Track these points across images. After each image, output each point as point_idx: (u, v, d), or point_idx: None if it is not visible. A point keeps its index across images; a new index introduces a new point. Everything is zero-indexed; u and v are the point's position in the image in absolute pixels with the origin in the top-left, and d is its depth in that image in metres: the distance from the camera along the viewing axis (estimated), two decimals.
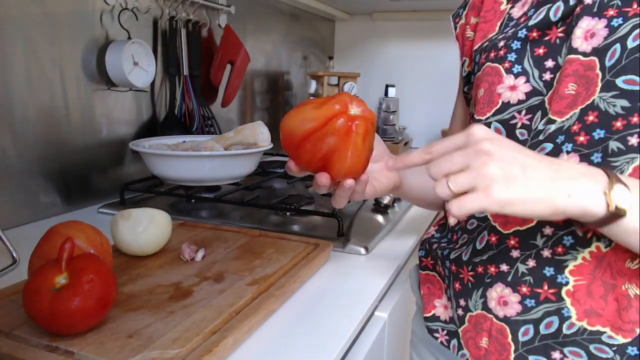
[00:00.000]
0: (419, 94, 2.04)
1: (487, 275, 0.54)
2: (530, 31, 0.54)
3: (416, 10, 1.96)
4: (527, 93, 0.53)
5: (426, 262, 0.66)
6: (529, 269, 0.51)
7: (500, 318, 0.53)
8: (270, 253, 0.73)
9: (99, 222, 0.73)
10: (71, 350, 0.47)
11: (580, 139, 0.49)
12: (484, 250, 0.55)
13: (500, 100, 0.55)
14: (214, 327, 0.51)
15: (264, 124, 1.07)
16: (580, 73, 0.50)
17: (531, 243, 0.51)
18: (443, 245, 0.63)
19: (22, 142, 0.88)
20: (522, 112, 0.54)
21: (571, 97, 0.50)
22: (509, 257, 0.52)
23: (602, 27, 0.49)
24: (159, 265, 0.68)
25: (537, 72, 0.53)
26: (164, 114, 1.21)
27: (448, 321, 0.60)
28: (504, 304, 0.52)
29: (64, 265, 0.49)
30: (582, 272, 0.48)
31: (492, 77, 0.56)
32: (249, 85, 1.58)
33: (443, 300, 0.62)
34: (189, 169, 0.95)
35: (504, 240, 0.53)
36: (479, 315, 0.55)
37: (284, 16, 1.75)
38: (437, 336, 0.61)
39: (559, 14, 0.52)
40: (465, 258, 0.57)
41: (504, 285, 0.52)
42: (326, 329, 0.57)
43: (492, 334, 0.53)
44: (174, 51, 1.19)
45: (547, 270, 0.50)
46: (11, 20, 0.84)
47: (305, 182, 1.13)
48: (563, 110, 0.50)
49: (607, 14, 0.49)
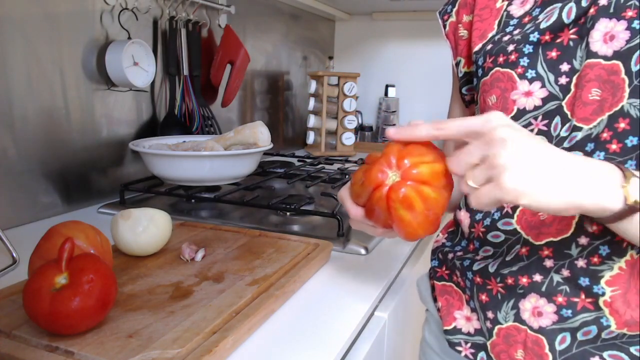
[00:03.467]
0: (419, 94, 2.04)
1: (519, 287, 0.53)
2: (543, 34, 0.52)
3: (416, 10, 1.96)
4: (543, 99, 0.52)
5: (441, 272, 0.64)
6: (564, 279, 0.50)
7: (535, 329, 0.52)
8: (270, 253, 0.73)
9: (99, 222, 0.73)
10: (71, 350, 0.47)
11: (612, 147, 0.48)
12: (513, 262, 0.53)
13: (516, 107, 0.54)
14: (214, 327, 0.51)
15: (264, 124, 1.08)
16: (603, 78, 0.48)
17: (565, 253, 0.50)
18: (459, 254, 0.61)
19: (22, 142, 0.88)
20: (538, 118, 0.53)
21: (596, 102, 0.48)
22: (542, 267, 0.51)
23: (623, 30, 0.47)
24: (159, 265, 0.68)
25: (553, 76, 0.51)
26: (164, 114, 1.21)
27: (472, 333, 0.59)
28: (539, 315, 0.51)
29: (64, 265, 0.49)
30: (618, 282, 0.48)
31: (504, 84, 0.54)
32: (249, 85, 1.59)
33: (465, 312, 0.60)
34: (189, 169, 0.95)
35: (537, 251, 0.52)
36: (510, 327, 0.53)
37: (284, 16, 1.75)
38: (460, 349, 0.60)
39: (572, 16, 0.50)
40: (492, 270, 0.55)
41: (538, 296, 0.51)
42: (326, 329, 0.57)
43: (527, 346, 0.52)
44: (174, 51, 1.19)
45: (582, 280, 0.49)
46: (11, 20, 0.84)
47: (306, 182, 1.13)
48: (589, 117, 0.49)
49: (626, 15, 0.47)
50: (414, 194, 0.45)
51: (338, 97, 1.77)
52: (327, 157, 1.46)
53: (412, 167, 0.45)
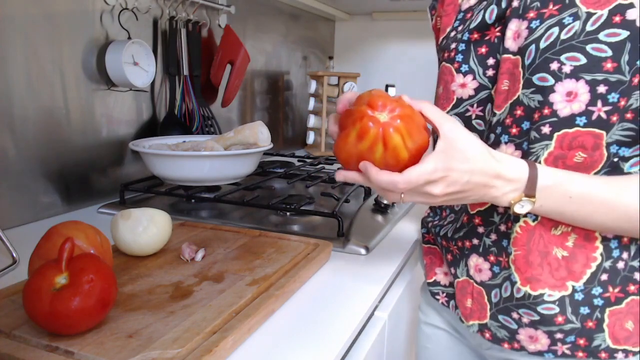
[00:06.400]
0: (418, 94, 2.02)
1: (465, 249, 0.64)
2: (471, 33, 0.60)
3: (416, 10, 1.96)
4: (475, 89, 0.60)
5: (428, 237, 0.74)
6: (492, 242, 0.61)
7: (478, 282, 0.62)
8: (270, 253, 0.73)
9: (99, 222, 0.73)
10: (71, 350, 0.47)
11: (513, 130, 0.57)
12: (460, 228, 0.65)
13: (455, 96, 0.62)
14: (214, 327, 0.51)
15: (264, 124, 1.07)
16: (510, 70, 0.56)
17: (491, 220, 0.61)
18: (436, 222, 0.72)
19: (22, 142, 0.88)
20: (474, 106, 0.61)
21: (505, 92, 0.57)
22: (477, 232, 0.62)
23: (524, 29, 0.54)
24: (159, 265, 0.68)
25: (482, 69, 0.60)
26: (164, 114, 1.21)
27: (447, 285, 0.70)
28: (480, 271, 0.62)
29: (64, 265, 0.49)
30: (518, 244, 0.57)
31: (447, 76, 0.63)
32: (249, 85, 1.59)
33: (443, 268, 0.71)
34: (189, 169, 0.95)
35: (472, 219, 0.63)
36: (463, 281, 0.65)
37: (284, 16, 1.75)
38: (438, 298, 0.71)
39: (494, 17, 0.58)
40: (449, 235, 0.66)
41: (477, 256, 0.62)
42: (326, 329, 0.57)
43: (474, 296, 0.63)
44: (174, 51, 1.19)
45: (503, 242, 0.60)
46: (11, 20, 0.84)
47: (306, 182, 1.13)
48: (500, 104, 0.57)
49: (528, 16, 0.54)
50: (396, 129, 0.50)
51: (338, 97, 1.77)
52: (327, 157, 1.46)
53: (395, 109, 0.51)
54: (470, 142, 0.51)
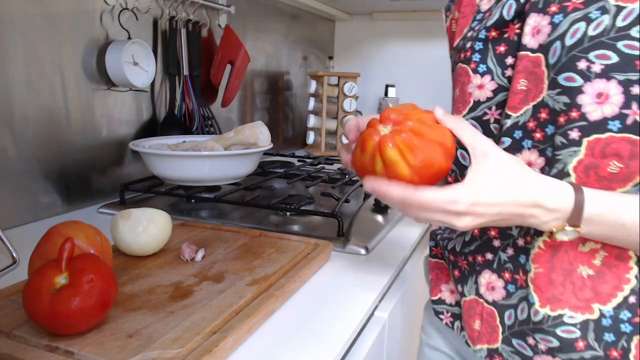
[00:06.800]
0: (419, 94, 2.03)
1: (477, 264, 0.58)
2: (489, 31, 0.56)
3: (416, 10, 1.96)
4: (494, 90, 0.56)
5: (436, 251, 0.69)
6: (509, 257, 0.55)
7: (490, 302, 0.57)
8: (270, 253, 0.73)
9: (99, 222, 0.73)
10: (71, 350, 0.47)
11: (537, 135, 0.52)
12: (471, 242, 0.59)
13: (472, 99, 0.58)
14: (214, 327, 0.51)
15: (264, 124, 1.08)
16: (529, 69, 0.52)
17: (508, 233, 0.55)
18: (444, 236, 0.67)
19: (22, 142, 0.88)
20: (492, 109, 0.56)
21: (523, 92, 0.52)
22: (491, 246, 0.57)
23: (546, 24, 0.50)
24: (159, 265, 0.68)
25: (500, 69, 0.55)
26: (164, 114, 1.21)
27: (453, 304, 0.65)
28: (492, 289, 0.57)
29: (64, 265, 0.49)
30: (539, 260, 0.52)
31: (463, 78, 0.58)
32: (249, 85, 1.59)
33: (450, 285, 0.66)
34: (189, 169, 0.95)
35: (486, 231, 0.58)
36: (471, 300, 0.59)
37: (284, 16, 1.75)
38: (442, 318, 0.66)
39: (512, 12, 0.54)
40: (458, 249, 0.61)
41: (490, 272, 0.57)
42: (326, 329, 0.57)
43: (483, 317, 0.57)
44: (174, 51, 1.19)
45: (521, 258, 0.54)
46: (11, 21, 0.84)
47: (306, 182, 1.13)
48: (517, 105, 0.53)
49: (550, 10, 0.50)
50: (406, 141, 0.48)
51: (338, 97, 1.77)
52: (327, 157, 1.46)
53: (404, 120, 0.48)
54: (504, 170, 0.47)
